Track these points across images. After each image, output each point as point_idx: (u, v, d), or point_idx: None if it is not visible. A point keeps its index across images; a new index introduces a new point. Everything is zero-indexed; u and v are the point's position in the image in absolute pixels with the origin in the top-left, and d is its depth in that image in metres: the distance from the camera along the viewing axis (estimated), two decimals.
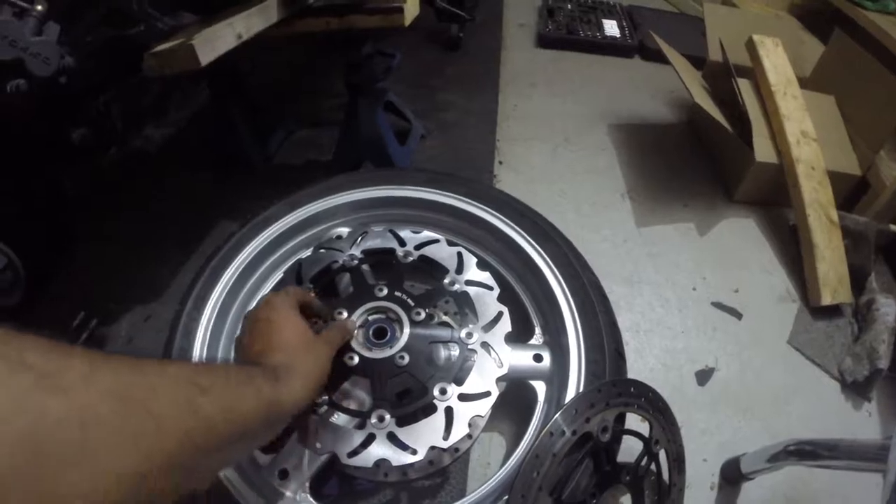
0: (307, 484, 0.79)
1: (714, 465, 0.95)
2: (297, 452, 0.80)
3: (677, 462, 0.83)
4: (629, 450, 0.79)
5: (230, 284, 0.99)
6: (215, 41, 0.95)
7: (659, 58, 1.80)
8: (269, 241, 1.04)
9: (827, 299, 1.19)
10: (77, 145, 1.16)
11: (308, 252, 1.03)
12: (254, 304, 1.04)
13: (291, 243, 1.08)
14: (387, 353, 0.82)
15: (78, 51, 1.16)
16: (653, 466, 0.80)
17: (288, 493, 0.78)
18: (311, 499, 0.79)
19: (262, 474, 0.80)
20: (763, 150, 1.34)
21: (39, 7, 0.77)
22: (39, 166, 1.22)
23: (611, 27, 1.97)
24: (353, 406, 0.84)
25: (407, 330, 0.85)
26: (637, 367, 1.06)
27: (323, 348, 0.69)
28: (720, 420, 1.01)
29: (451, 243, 0.97)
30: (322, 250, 0.99)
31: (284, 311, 0.68)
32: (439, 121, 1.60)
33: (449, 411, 0.78)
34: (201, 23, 1.06)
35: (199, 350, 0.91)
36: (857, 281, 1.23)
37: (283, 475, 0.79)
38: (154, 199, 1.43)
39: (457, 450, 0.85)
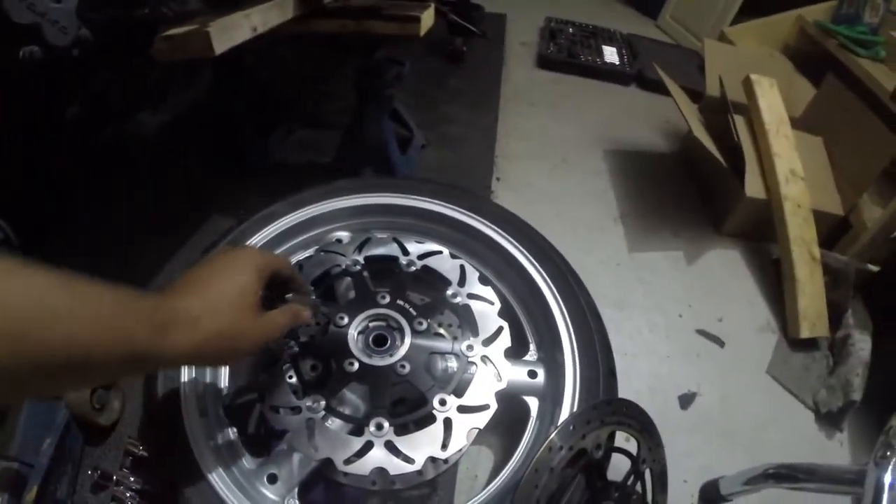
0: (295, 490, 0.79)
1: (693, 485, 0.98)
2: (287, 457, 0.80)
3: (661, 482, 0.86)
4: (616, 468, 0.81)
5: None
6: (232, 31, 0.94)
7: (656, 88, 1.84)
8: (268, 238, 1.04)
9: (805, 332, 1.23)
10: (71, 122, 1.13)
11: (308, 253, 1.03)
12: None
13: (291, 243, 1.07)
14: (387, 361, 0.83)
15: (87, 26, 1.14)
16: (638, 486, 0.83)
17: (275, 498, 0.78)
18: None
19: (249, 478, 0.79)
20: (753, 186, 1.39)
21: None
22: (32, 140, 1.19)
23: (610, 54, 2.01)
24: (348, 412, 0.85)
25: (408, 339, 0.86)
26: (624, 390, 1.06)
27: (256, 323, 0.56)
28: (701, 443, 1.04)
29: (453, 255, 0.99)
30: (323, 253, 0.99)
31: (241, 263, 0.57)
32: (440, 132, 1.61)
33: (448, 422, 0.80)
34: (211, 12, 1.05)
35: None
36: (835, 316, 1.28)
37: (272, 479, 0.79)
38: (147, 186, 1.40)
39: (446, 461, 0.86)
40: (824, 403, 1.14)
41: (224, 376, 0.94)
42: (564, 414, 0.84)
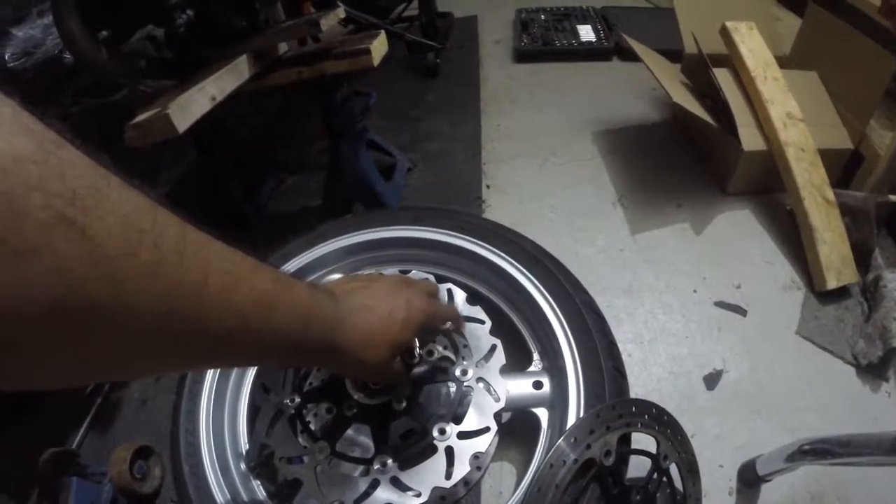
0: None
1: (731, 469, 0.93)
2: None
3: (690, 472, 0.82)
4: (642, 467, 0.79)
5: None
6: (190, 107, 0.98)
7: (637, 57, 1.79)
8: None
9: (832, 283, 1.16)
10: None
11: None
12: None
13: None
14: (384, 398, 0.83)
15: (63, 123, 1.18)
16: (664, 481, 0.79)
17: None
18: None
19: None
20: (750, 139, 1.33)
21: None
22: None
23: (586, 32, 1.96)
24: (357, 453, 0.85)
25: None
26: (643, 379, 1.05)
27: (392, 369, 0.68)
28: (734, 423, 0.99)
29: (440, 279, 0.97)
30: None
31: (413, 318, 0.64)
32: (424, 151, 1.60)
33: (449, 451, 0.79)
34: (178, 87, 1.09)
35: (205, 410, 0.93)
36: (862, 258, 1.20)
37: None
38: None
39: (467, 482, 0.86)
40: (864, 355, 1.07)
41: (244, 433, 0.96)
42: (571, 422, 0.82)
